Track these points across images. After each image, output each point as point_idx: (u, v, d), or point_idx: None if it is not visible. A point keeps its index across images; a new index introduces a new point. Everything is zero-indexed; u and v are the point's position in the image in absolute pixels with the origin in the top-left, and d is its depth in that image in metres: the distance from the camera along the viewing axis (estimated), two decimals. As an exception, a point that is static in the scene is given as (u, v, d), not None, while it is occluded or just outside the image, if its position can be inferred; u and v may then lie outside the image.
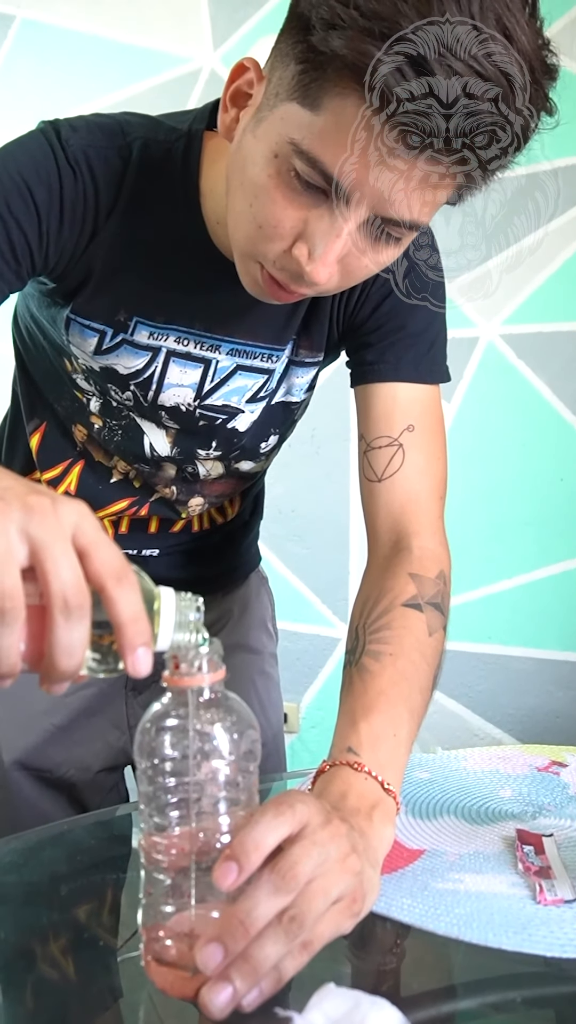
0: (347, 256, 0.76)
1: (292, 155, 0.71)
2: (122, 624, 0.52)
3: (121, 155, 0.87)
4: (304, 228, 0.74)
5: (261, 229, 0.76)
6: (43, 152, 0.84)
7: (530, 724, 2.33)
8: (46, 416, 1.09)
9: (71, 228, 0.86)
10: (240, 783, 0.59)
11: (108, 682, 1.18)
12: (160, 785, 0.58)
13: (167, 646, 0.56)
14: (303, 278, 0.76)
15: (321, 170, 0.70)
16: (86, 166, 0.85)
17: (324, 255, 0.74)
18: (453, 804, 0.89)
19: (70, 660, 0.51)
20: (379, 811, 0.71)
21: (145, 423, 1.02)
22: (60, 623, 0.50)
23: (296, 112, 0.70)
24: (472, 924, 0.67)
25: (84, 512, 0.52)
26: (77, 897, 0.78)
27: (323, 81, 0.67)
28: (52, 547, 0.50)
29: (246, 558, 1.30)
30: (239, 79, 0.79)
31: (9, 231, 0.83)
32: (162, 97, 2.44)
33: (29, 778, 1.14)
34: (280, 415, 1.06)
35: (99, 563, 0.51)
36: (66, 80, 2.50)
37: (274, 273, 0.78)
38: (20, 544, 0.49)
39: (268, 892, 0.56)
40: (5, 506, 0.49)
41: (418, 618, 0.86)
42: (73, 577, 0.50)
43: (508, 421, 2.33)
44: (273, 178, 0.73)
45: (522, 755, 1.02)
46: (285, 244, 0.76)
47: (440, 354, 1.00)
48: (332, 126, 0.68)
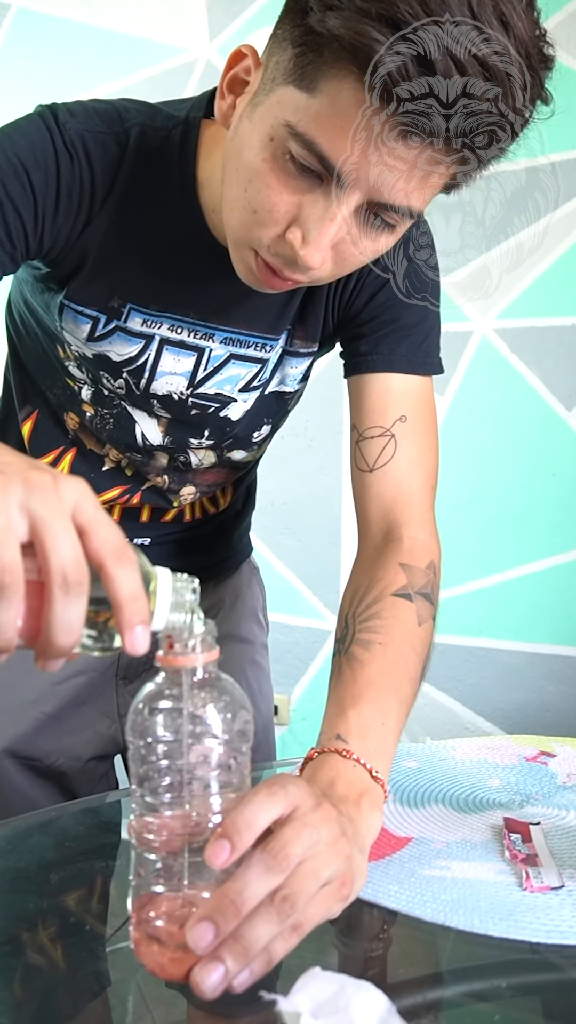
0: (341, 243, 0.76)
1: (288, 138, 0.71)
2: (121, 602, 0.52)
3: (118, 141, 0.87)
4: (298, 213, 0.74)
5: (256, 214, 0.76)
6: (41, 136, 0.84)
7: (520, 718, 2.34)
8: (38, 404, 1.09)
9: (67, 213, 0.86)
10: (232, 765, 0.59)
11: (99, 671, 1.18)
12: (152, 765, 0.58)
13: (162, 626, 0.56)
14: (297, 263, 0.76)
15: (317, 152, 0.70)
16: (83, 151, 0.85)
17: (318, 239, 0.74)
18: (441, 793, 0.90)
19: (67, 637, 0.51)
20: (367, 799, 0.71)
21: (137, 412, 1.02)
22: (59, 599, 0.50)
23: (293, 95, 0.70)
24: (459, 911, 0.67)
25: (84, 490, 0.52)
26: (65, 885, 0.78)
27: (320, 63, 0.67)
28: (53, 523, 0.49)
29: (238, 548, 1.30)
30: (236, 66, 0.79)
31: (5, 213, 0.82)
32: (158, 88, 2.43)
33: (19, 767, 1.13)
34: (273, 405, 1.06)
35: (99, 541, 0.51)
36: (62, 70, 2.49)
37: (268, 259, 0.78)
38: (20, 519, 0.49)
39: (260, 872, 0.56)
40: (6, 480, 0.49)
41: (408, 608, 0.87)
42: (73, 553, 0.50)
43: (501, 415, 2.33)
44: (268, 162, 0.73)
45: (511, 745, 1.02)
46: (279, 229, 0.76)
47: (434, 346, 1.00)
48: (328, 108, 0.68)
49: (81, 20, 2.49)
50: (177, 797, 0.58)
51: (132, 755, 0.59)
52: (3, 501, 0.48)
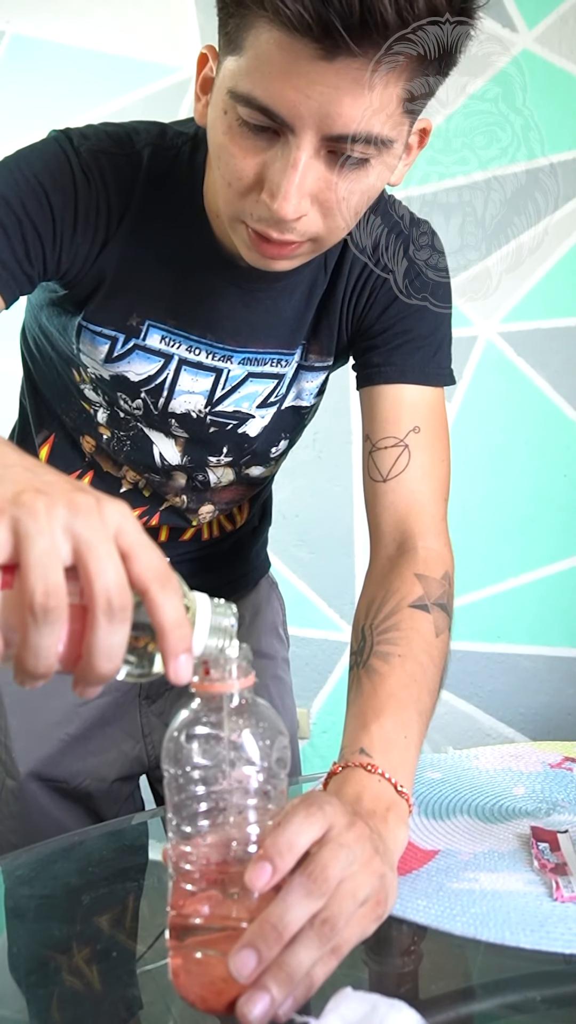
0: (319, 191, 0.76)
1: (234, 104, 0.73)
2: (166, 629, 0.51)
3: (132, 162, 0.89)
4: (263, 171, 0.76)
5: (230, 186, 0.78)
6: (57, 158, 0.86)
7: (542, 722, 2.32)
8: (54, 428, 1.10)
9: (84, 234, 0.88)
10: (271, 791, 0.58)
11: (122, 691, 1.18)
12: (190, 793, 0.58)
13: (200, 651, 0.55)
14: (277, 220, 0.76)
15: (258, 106, 0.72)
16: (98, 172, 0.87)
17: (286, 189, 0.74)
18: (466, 803, 0.89)
19: (109, 663, 0.50)
20: (394, 813, 0.71)
21: (154, 433, 1.02)
22: (102, 624, 0.49)
23: (229, 64, 0.73)
24: (489, 923, 0.66)
25: (127, 513, 0.51)
26: (92, 909, 0.78)
27: (238, 24, 0.71)
28: (97, 547, 0.49)
29: (256, 564, 1.30)
30: (204, 68, 0.82)
31: (24, 232, 0.84)
32: (154, 106, 2.44)
33: (45, 789, 1.14)
34: (290, 420, 1.06)
35: (143, 565, 0.50)
36: (57, 94, 2.50)
37: (255, 226, 0.79)
38: (64, 542, 0.48)
39: (300, 896, 0.56)
40: (50, 502, 0.48)
41: (425, 619, 0.86)
42: (117, 578, 0.49)
43: (509, 418, 2.32)
44: (227, 134, 0.76)
45: (535, 752, 1.02)
46: (253, 194, 0.77)
47: (446, 357, 1.00)
48: (254, 59, 0.70)
49: (74, 44, 2.50)
50: (215, 825, 0.58)
51: (168, 783, 0.58)
52: (48, 523, 0.48)
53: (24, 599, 0.47)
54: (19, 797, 1.12)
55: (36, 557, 0.47)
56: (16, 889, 0.82)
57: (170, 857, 0.59)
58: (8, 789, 1.13)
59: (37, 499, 0.48)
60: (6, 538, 0.47)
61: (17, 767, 1.12)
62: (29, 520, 0.47)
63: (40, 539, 0.47)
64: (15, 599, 0.47)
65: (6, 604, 0.48)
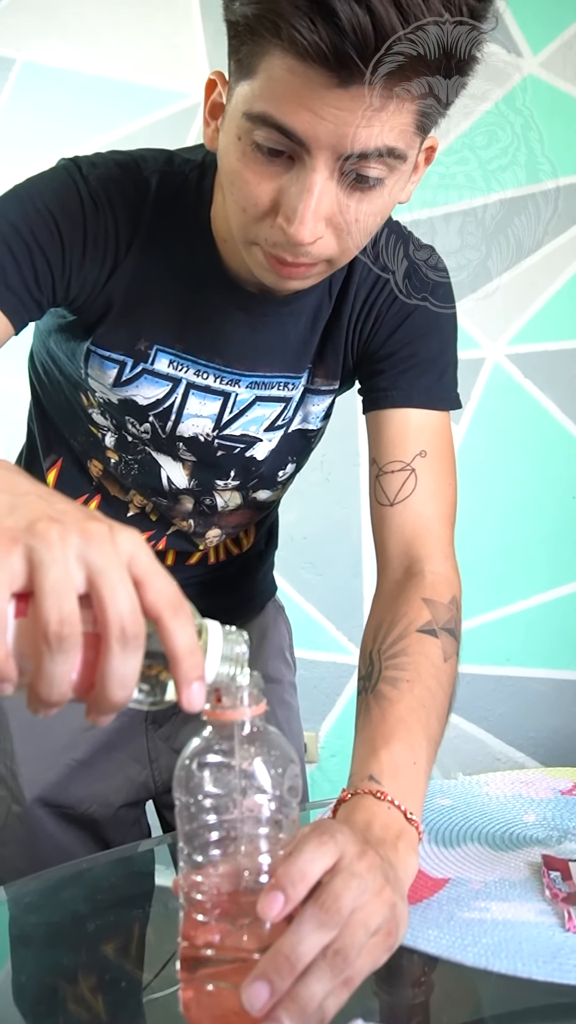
0: (333, 215, 0.77)
1: (249, 128, 0.74)
2: (179, 657, 0.51)
3: (139, 189, 0.90)
4: (279, 197, 0.76)
5: (245, 212, 0.79)
6: (67, 186, 0.87)
7: (552, 746, 2.31)
8: (62, 452, 1.10)
9: (93, 260, 0.89)
10: (283, 820, 0.58)
11: (128, 716, 1.17)
12: (201, 822, 0.57)
13: (212, 679, 0.55)
14: (293, 244, 0.77)
15: (274, 124, 0.72)
16: (107, 200, 0.88)
17: (303, 214, 0.75)
18: (476, 831, 0.88)
19: (122, 691, 0.50)
20: (403, 841, 0.70)
21: (161, 456, 1.02)
22: (116, 652, 0.48)
23: (242, 89, 0.74)
24: (501, 954, 0.66)
25: (139, 541, 0.51)
26: (99, 937, 0.77)
27: (249, 49, 0.71)
28: (110, 575, 0.48)
29: (262, 587, 1.30)
30: (212, 93, 0.83)
31: (34, 259, 0.85)
32: (162, 132, 2.46)
33: (51, 815, 1.13)
34: (298, 443, 1.06)
35: (155, 593, 0.50)
36: (67, 120, 2.53)
37: (270, 251, 0.80)
38: (78, 570, 0.48)
39: (313, 927, 0.55)
40: (64, 530, 0.48)
41: (433, 644, 0.86)
42: (131, 606, 0.49)
43: (517, 440, 2.32)
44: (241, 160, 0.76)
45: (545, 778, 1.01)
46: (268, 219, 0.78)
47: (452, 381, 1.00)
48: (267, 82, 0.71)
49: (84, 71, 2.53)
50: (226, 855, 0.57)
51: (179, 812, 0.58)
52: (61, 552, 0.47)
53: (38, 628, 0.47)
54: (25, 823, 1.12)
55: (50, 586, 0.47)
56: (23, 917, 0.81)
57: (181, 887, 0.58)
58: (14, 814, 1.12)
59: (51, 528, 0.48)
60: (21, 567, 0.47)
61: (23, 792, 1.12)
62: (43, 549, 0.47)
63: (54, 568, 0.47)
64: (29, 628, 0.47)
65: (20, 632, 0.48)
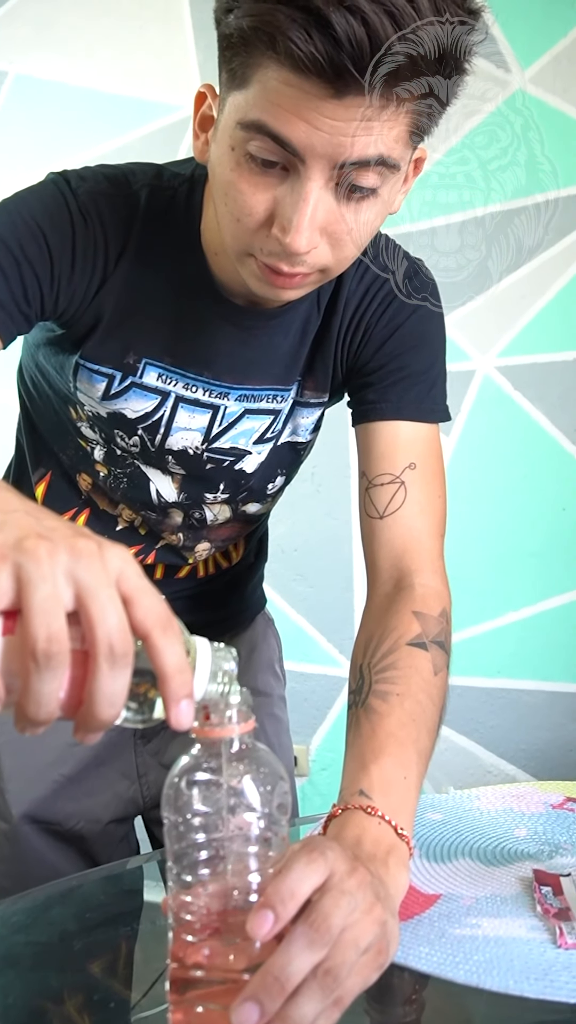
0: (328, 224, 0.77)
1: (243, 138, 0.74)
2: (167, 675, 0.50)
3: (128, 203, 0.90)
4: (274, 207, 0.76)
5: (239, 222, 0.79)
6: (55, 200, 0.87)
7: (543, 759, 2.30)
8: (51, 465, 1.10)
9: (82, 274, 0.89)
10: (272, 838, 0.57)
11: (116, 730, 1.16)
12: (190, 841, 0.57)
13: (200, 696, 0.54)
14: (288, 254, 0.77)
15: (269, 133, 0.72)
16: (96, 213, 0.88)
17: (298, 223, 0.75)
18: (467, 845, 0.88)
19: (111, 709, 0.49)
20: (394, 857, 0.70)
21: (150, 470, 1.02)
22: (104, 670, 0.48)
23: (234, 100, 0.74)
24: (492, 971, 0.65)
25: (128, 558, 0.51)
26: (87, 956, 0.76)
27: (243, 60, 0.72)
28: (99, 592, 0.48)
29: (251, 601, 1.29)
30: (202, 106, 0.83)
31: (23, 274, 0.84)
32: (154, 145, 2.47)
33: (39, 832, 1.12)
34: (287, 456, 1.06)
35: (144, 610, 0.50)
36: (60, 132, 2.53)
37: (265, 260, 0.80)
38: (67, 587, 0.48)
39: (303, 946, 0.55)
40: (52, 548, 0.48)
41: (424, 657, 0.86)
42: (119, 624, 0.49)
43: (508, 453, 2.32)
44: (235, 170, 0.76)
45: (536, 792, 1.00)
46: (263, 229, 0.78)
47: (441, 394, 1.00)
48: (262, 92, 0.71)
49: (76, 83, 2.53)
50: (215, 874, 0.57)
51: (168, 831, 0.58)
52: (50, 569, 0.47)
53: (26, 645, 0.46)
54: (12, 840, 1.11)
55: (38, 603, 0.46)
56: (11, 936, 0.80)
57: (170, 907, 0.58)
58: (1, 832, 1.12)
59: (39, 545, 0.47)
60: (8, 584, 0.47)
61: (11, 809, 1.11)
62: (31, 566, 0.47)
63: (43, 585, 0.47)
64: (17, 645, 0.47)
65: (8, 650, 0.47)
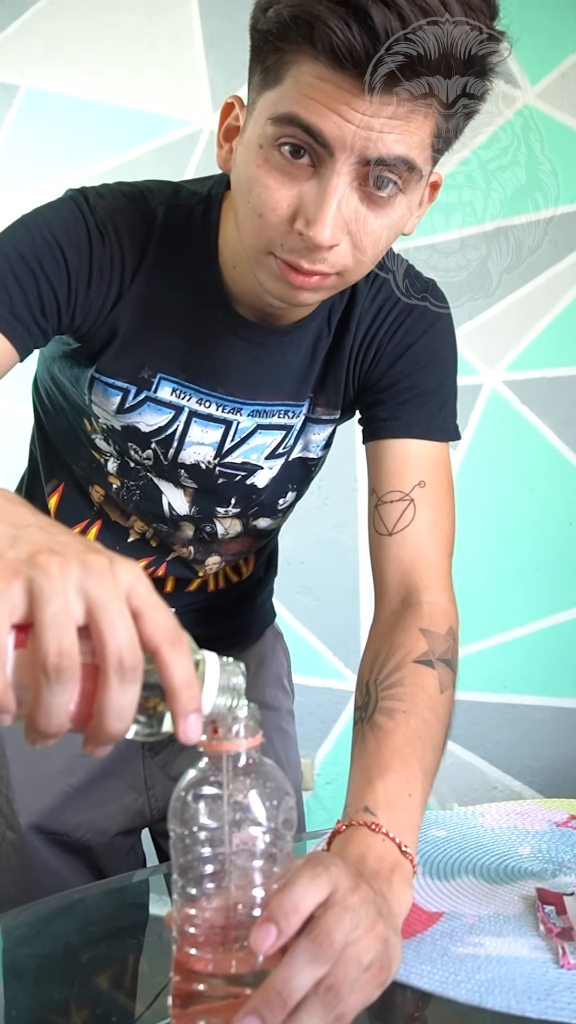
0: (350, 222, 0.78)
1: (273, 132, 0.76)
2: (176, 689, 0.51)
3: (145, 220, 0.91)
4: (299, 202, 0.77)
5: (262, 217, 0.79)
6: (74, 217, 0.88)
7: (549, 775, 2.29)
8: (64, 477, 1.11)
9: (98, 289, 0.90)
10: (276, 854, 0.58)
11: (124, 742, 1.17)
12: (196, 854, 0.57)
13: (209, 710, 0.55)
14: (310, 249, 0.78)
15: (301, 124, 0.74)
16: (113, 230, 0.89)
17: (322, 216, 0.76)
18: (471, 863, 0.88)
19: (120, 722, 0.50)
20: (398, 874, 0.70)
21: (163, 483, 1.03)
22: (114, 684, 0.49)
23: (267, 98, 0.76)
24: (495, 991, 0.65)
25: (139, 573, 0.52)
26: (91, 970, 0.76)
27: (279, 55, 0.74)
28: (109, 607, 0.49)
29: (261, 614, 1.30)
30: (228, 116, 0.85)
31: (40, 288, 0.86)
32: (164, 158, 2.49)
33: (46, 842, 1.12)
34: (298, 471, 1.07)
35: (153, 625, 0.51)
36: (70, 145, 2.55)
37: (286, 257, 0.81)
38: (77, 602, 0.49)
39: (305, 961, 0.55)
40: (63, 562, 0.48)
41: (430, 675, 0.86)
42: (129, 638, 0.49)
43: (514, 467, 2.33)
44: (262, 167, 0.78)
45: (540, 810, 1.00)
46: (287, 224, 0.79)
47: (451, 413, 1.01)
48: (295, 86, 0.73)
49: (87, 97, 2.55)
50: (220, 888, 0.57)
51: (174, 843, 0.58)
52: (61, 584, 0.48)
53: (37, 659, 0.47)
54: (19, 850, 1.11)
55: (50, 617, 0.47)
56: (15, 949, 0.81)
57: (175, 920, 0.58)
58: (8, 842, 1.12)
59: (51, 560, 0.48)
60: (21, 598, 0.48)
61: (18, 819, 1.11)
62: (43, 581, 0.48)
63: (54, 600, 0.47)
64: (28, 659, 0.48)
65: (19, 663, 0.48)
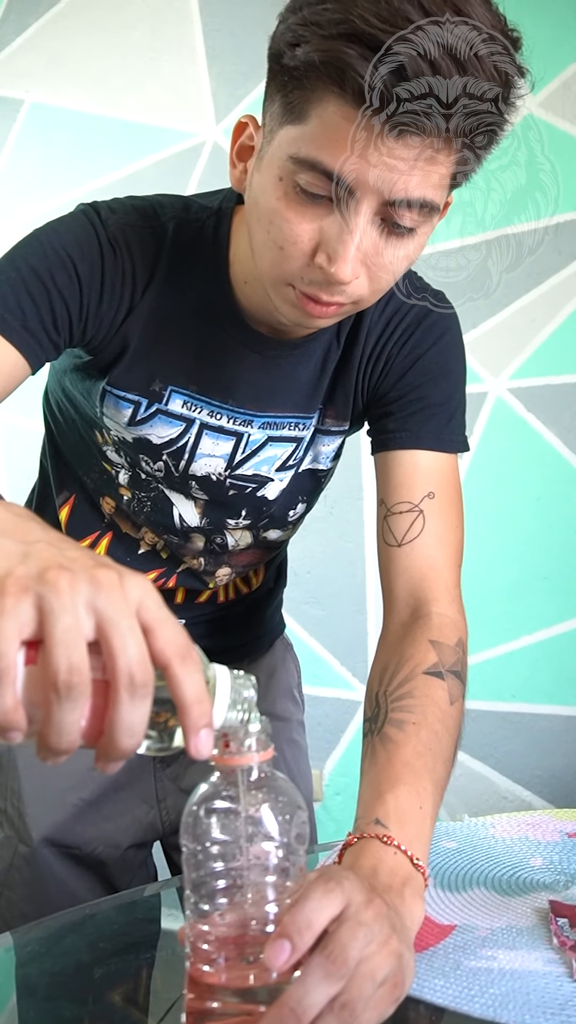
0: (369, 257, 0.79)
1: (294, 170, 0.76)
2: (187, 705, 0.51)
3: (156, 235, 0.92)
4: (320, 237, 0.78)
5: (283, 250, 0.80)
6: (85, 231, 0.89)
7: (559, 785, 2.28)
8: (75, 489, 1.11)
9: (110, 303, 0.91)
10: (289, 868, 0.58)
11: (136, 756, 1.17)
12: (208, 870, 0.57)
13: (220, 724, 0.55)
14: (331, 284, 0.79)
15: (322, 170, 0.74)
16: (124, 244, 0.90)
17: (344, 254, 0.77)
18: (483, 875, 0.88)
19: (131, 739, 0.50)
20: (410, 888, 0.70)
21: (174, 494, 1.03)
22: (124, 700, 0.49)
23: (289, 132, 0.76)
24: (508, 1005, 0.65)
25: (148, 588, 0.51)
26: (103, 986, 0.76)
27: (303, 94, 0.73)
28: (119, 623, 0.49)
29: (270, 626, 1.30)
30: (242, 136, 0.85)
31: (52, 302, 0.87)
32: (168, 171, 2.49)
33: (58, 856, 1.12)
34: (308, 483, 1.07)
35: (164, 641, 0.50)
36: (74, 159, 2.56)
37: (305, 289, 0.81)
38: (87, 618, 0.49)
39: (320, 978, 0.55)
40: (73, 578, 0.48)
41: (440, 686, 0.86)
42: (139, 654, 0.49)
43: (521, 475, 2.33)
44: (282, 200, 0.78)
45: (552, 820, 1.00)
46: (307, 258, 0.79)
47: (460, 424, 1.01)
48: (320, 128, 0.73)
49: (91, 111, 2.57)
50: (233, 903, 0.57)
51: (186, 859, 0.58)
52: (71, 600, 0.48)
53: (48, 676, 0.47)
54: (32, 864, 1.11)
55: (60, 634, 0.47)
56: (28, 965, 0.81)
57: (188, 936, 0.58)
58: (21, 855, 1.12)
59: (61, 576, 0.48)
60: (31, 615, 0.48)
61: (30, 833, 1.11)
62: (53, 597, 0.48)
63: (64, 616, 0.48)
64: (39, 675, 0.48)
65: (30, 680, 0.48)
